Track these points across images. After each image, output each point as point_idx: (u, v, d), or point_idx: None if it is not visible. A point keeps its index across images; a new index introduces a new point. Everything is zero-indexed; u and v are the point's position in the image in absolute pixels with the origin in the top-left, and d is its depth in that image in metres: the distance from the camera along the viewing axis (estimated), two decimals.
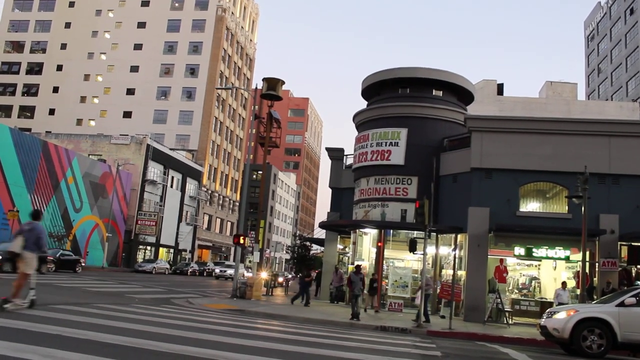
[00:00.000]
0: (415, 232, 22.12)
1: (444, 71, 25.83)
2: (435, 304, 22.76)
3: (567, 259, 20.20)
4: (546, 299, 20.80)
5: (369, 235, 25.30)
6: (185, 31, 71.86)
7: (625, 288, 16.47)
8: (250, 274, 23.54)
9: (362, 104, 28.52)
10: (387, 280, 23.46)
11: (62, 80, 72.30)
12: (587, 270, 17.58)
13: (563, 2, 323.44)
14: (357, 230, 25.59)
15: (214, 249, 72.87)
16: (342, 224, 27.25)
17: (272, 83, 24.50)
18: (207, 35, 71.23)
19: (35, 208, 21.21)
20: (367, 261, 25.03)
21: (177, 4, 73.17)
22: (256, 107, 25.75)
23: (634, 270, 20.16)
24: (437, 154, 24.08)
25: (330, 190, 30.56)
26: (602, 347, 11.59)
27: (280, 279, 36.95)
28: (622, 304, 11.81)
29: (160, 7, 72.87)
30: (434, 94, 25.92)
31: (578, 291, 18.17)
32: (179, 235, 61.01)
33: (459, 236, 22.92)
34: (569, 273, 21.17)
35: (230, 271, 46.54)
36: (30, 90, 73.56)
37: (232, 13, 75.68)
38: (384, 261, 23.74)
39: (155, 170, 54.64)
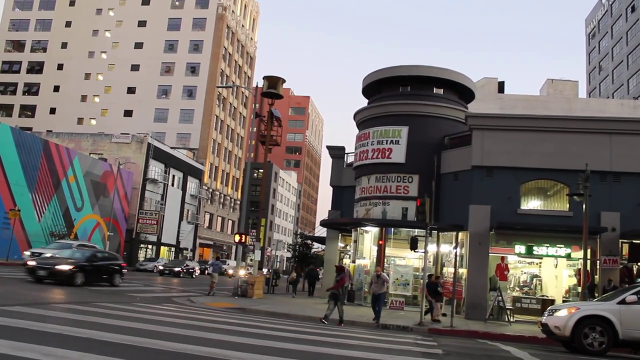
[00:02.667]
0: (417, 230, 22.12)
1: (444, 69, 25.78)
2: None
3: (568, 256, 20.17)
4: (547, 296, 20.80)
5: (370, 234, 25.29)
6: (185, 30, 71.79)
7: (627, 286, 16.45)
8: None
9: (363, 102, 28.47)
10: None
11: (62, 79, 72.30)
12: (589, 268, 17.56)
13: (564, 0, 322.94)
14: (358, 229, 25.58)
15: (215, 247, 72.94)
16: (343, 222, 27.24)
17: (273, 81, 24.51)
18: (207, 34, 71.17)
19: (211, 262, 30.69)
20: (368, 259, 25.03)
21: (177, 3, 73.12)
22: (257, 105, 25.73)
23: (635, 268, 20.14)
24: (438, 152, 24.05)
25: (331, 189, 30.56)
26: (603, 344, 11.59)
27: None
28: (623, 302, 11.80)
29: (160, 5, 72.81)
30: (434, 92, 25.87)
31: (579, 289, 18.16)
32: (180, 234, 61.03)
33: (460, 234, 22.91)
34: (570, 271, 21.16)
35: (47, 254, 23.06)
36: (31, 89, 73.58)
37: (233, 11, 75.61)
38: (385, 259, 23.73)
39: (156, 169, 54.61)
